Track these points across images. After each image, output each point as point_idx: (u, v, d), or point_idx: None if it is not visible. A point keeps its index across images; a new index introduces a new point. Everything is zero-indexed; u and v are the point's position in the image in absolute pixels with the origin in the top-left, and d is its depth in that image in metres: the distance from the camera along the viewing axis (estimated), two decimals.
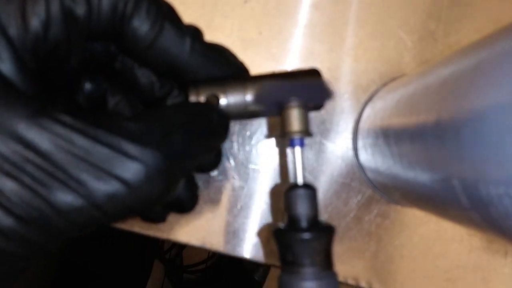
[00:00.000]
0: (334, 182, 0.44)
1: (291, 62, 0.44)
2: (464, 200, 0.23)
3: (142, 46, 0.27)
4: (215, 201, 0.43)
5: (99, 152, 0.22)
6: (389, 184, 0.38)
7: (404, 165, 0.30)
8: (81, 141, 0.22)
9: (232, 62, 0.32)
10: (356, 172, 0.44)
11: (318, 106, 0.34)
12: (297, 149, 0.33)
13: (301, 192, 0.32)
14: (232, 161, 0.44)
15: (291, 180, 0.33)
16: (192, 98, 0.31)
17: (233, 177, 0.44)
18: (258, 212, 0.44)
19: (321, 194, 0.44)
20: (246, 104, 0.31)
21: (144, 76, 0.32)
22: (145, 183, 0.23)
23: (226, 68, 0.31)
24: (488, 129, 0.19)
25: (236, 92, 0.31)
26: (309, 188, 0.32)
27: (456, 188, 0.23)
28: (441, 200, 0.27)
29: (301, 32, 0.44)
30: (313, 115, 0.44)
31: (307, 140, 0.44)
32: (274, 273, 1.23)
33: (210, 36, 0.45)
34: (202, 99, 0.31)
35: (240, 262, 0.39)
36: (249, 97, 0.31)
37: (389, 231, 0.44)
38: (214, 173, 0.43)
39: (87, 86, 0.32)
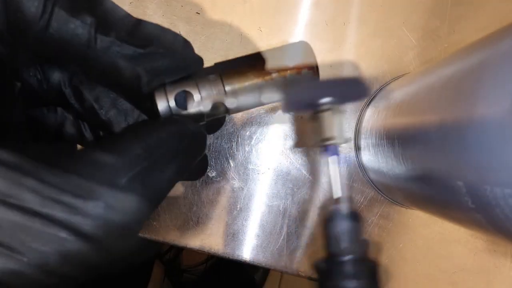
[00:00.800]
0: None
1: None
2: (468, 202, 0.22)
3: (35, 30, 0.23)
4: (214, 203, 0.43)
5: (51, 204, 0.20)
6: (392, 185, 0.37)
7: (408, 166, 0.30)
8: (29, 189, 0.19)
9: (178, 54, 0.28)
10: (358, 173, 0.44)
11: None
12: (335, 158, 0.29)
13: (344, 225, 0.27)
14: (231, 162, 0.43)
15: (334, 194, 0.29)
16: (161, 104, 0.27)
17: (233, 178, 0.43)
18: (258, 214, 0.43)
19: (323, 196, 0.43)
20: (226, 95, 0.28)
21: (127, 68, 0.28)
22: (110, 237, 0.21)
23: (169, 61, 0.27)
24: (493, 131, 0.18)
25: (212, 82, 0.28)
26: (355, 218, 0.28)
27: (460, 189, 0.22)
28: (445, 202, 0.26)
29: (301, 30, 0.44)
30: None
31: (308, 140, 0.44)
32: (274, 275, 1.23)
33: (209, 33, 0.45)
34: (172, 102, 0.27)
35: (240, 263, 0.39)
36: (228, 87, 0.28)
37: (391, 233, 0.44)
38: (213, 173, 0.43)
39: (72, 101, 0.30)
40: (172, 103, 0.27)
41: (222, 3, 0.43)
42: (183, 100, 0.27)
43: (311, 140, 0.29)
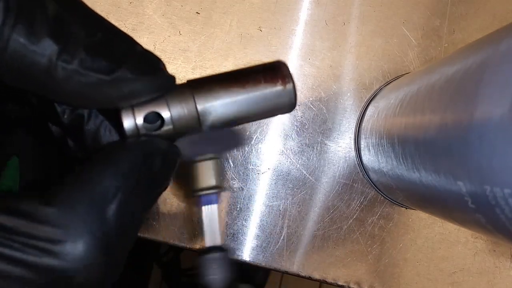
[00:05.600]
0: (337, 183, 0.44)
1: (292, 59, 0.44)
2: (468, 201, 0.22)
3: None
4: None
5: None
6: (392, 185, 0.37)
7: (408, 166, 0.30)
8: None
9: (149, 78, 0.25)
10: (358, 173, 0.44)
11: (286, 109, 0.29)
12: (213, 207, 0.28)
13: (219, 255, 0.28)
14: (231, 162, 0.43)
15: (206, 242, 0.29)
16: (127, 122, 0.25)
17: (232, 178, 0.43)
18: (257, 214, 0.43)
19: (323, 196, 0.43)
20: (200, 114, 0.26)
21: (92, 95, 0.25)
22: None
23: (139, 85, 0.25)
24: (493, 131, 0.18)
25: (182, 100, 0.26)
26: (224, 250, 0.28)
27: (461, 190, 0.22)
28: (445, 202, 0.26)
29: (302, 29, 0.44)
30: (315, 114, 0.43)
31: (308, 140, 0.43)
32: (274, 275, 1.23)
33: (209, 32, 0.45)
34: (139, 120, 0.25)
35: (240, 265, 0.39)
36: (200, 105, 0.26)
37: (392, 233, 0.44)
38: None
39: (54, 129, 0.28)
40: (140, 124, 0.26)
41: (222, 3, 0.43)
42: (152, 120, 0.26)
43: (185, 190, 0.28)
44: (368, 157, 0.40)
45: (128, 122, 0.25)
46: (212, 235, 0.29)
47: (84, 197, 0.21)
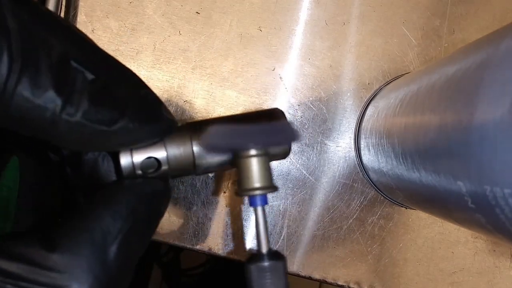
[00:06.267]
0: (337, 183, 0.44)
1: (292, 59, 0.44)
2: (468, 201, 0.22)
3: None
4: (213, 203, 0.43)
5: None
6: (392, 185, 0.37)
7: (408, 166, 0.30)
8: None
9: (151, 126, 0.25)
10: (358, 173, 0.44)
11: (282, 155, 0.29)
12: (259, 209, 0.27)
13: (265, 265, 0.26)
14: None
15: (261, 246, 0.28)
16: (125, 166, 0.25)
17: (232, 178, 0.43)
18: None
19: (323, 196, 0.43)
20: (196, 157, 0.26)
21: (94, 144, 0.25)
22: None
23: (141, 133, 0.25)
24: (493, 131, 0.18)
25: (180, 144, 0.26)
26: (278, 258, 0.26)
27: (461, 190, 0.22)
28: (445, 202, 0.26)
29: (302, 29, 0.44)
30: (315, 114, 0.43)
31: (308, 140, 0.43)
32: None
33: (208, 32, 0.45)
34: (137, 164, 0.26)
35: (240, 265, 0.39)
36: (197, 148, 0.26)
37: (392, 233, 0.44)
38: (213, 173, 0.43)
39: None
40: (138, 167, 0.26)
41: (222, 3, 0.43)
42: (149, 164, 0.26)
43: (236, 188, 0.27)
44: (368, 157, 0.40)
45: (126, 166, 0.26)
46: (260, 240, 0.27)
47: (86, 241, 0.21)
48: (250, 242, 0.43)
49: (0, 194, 0.27)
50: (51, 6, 0.41)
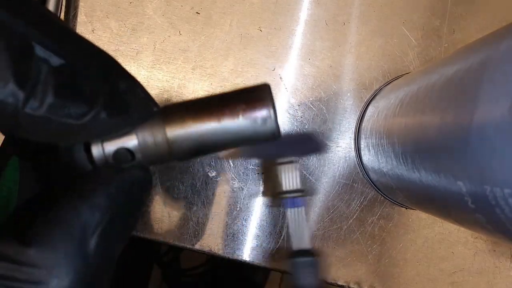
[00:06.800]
0: (337, 183, 0.44)
1: (292, 59, 0.44)
2: (468, 201, 0.22)
3: None
4: (213, 203, 0.43)
5: None
6: (392, 185, 0.37)
7: (408, 166, 0.30)
8: None
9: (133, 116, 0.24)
10: (358, 173, 0.43)
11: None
12: (292, 211, 0.30)
13: (309, 260, 0.28)
14: (231, 162, 0.43)
15: (296, 244, 0.30)
16: (98, 158, 0.25)
17: (233, 178, 0.43)
18: (257, 214, 0.43)
19: (323, 196, 0.43)
20: (170, 143, 0.25)
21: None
22: None
23: (112, 124, 0.23)
24: (493, 131, 0.18)
25: (152, 132, 0.25)
26: (318, 254, 0.29)
27: (461, 190, 0.22)
28: (445, 202, 0.26)
29: (302, 29, 0.44)
30: (315, 114, 0.43)
31: None
32: (274, 275, 1.23)
33: (209, 32, 0.45)
34: (109, 155, 0.25)
35: (240, 265, 0.39)
36: (170, 132, 0.25)
37: (392, 233, 0.44)
38: (213, 173, 0.43)
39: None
40: (111, 158, 0.25)
41: (222, 3, 0.43)
42: (122, 153, 0.25)
43: (269, 191, 0.28)
44: (368, 157, 0.40)
45: (98, 157, 0.25)
46: (299, 238, 0.29)
47: (64, 235, 0.20)
48: (250, 242, 0.43)
49: (0, 194, 0.27)
50: (51, 6, 0.41)
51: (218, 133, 0.26)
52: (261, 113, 0.25)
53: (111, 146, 0.25)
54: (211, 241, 0.43)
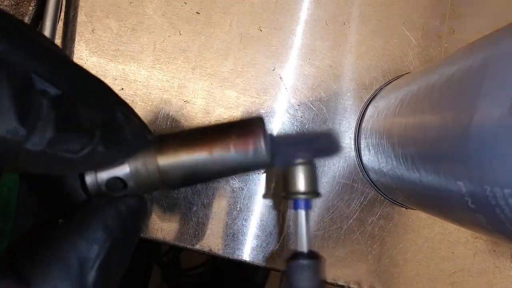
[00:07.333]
0: (337, 183, 0.44)
1: (292, 59, 0.44)
2: (468, 201, 0.22)
3: None
4: (213, 203, 0.43)
5: None
6: (392, 186, 0.37)
7: (409, 166, 0.30)
8: None
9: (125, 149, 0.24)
10: (358, 173, 0.43)
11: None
12: (303, 212, 0.29)
13: (304, 263, 0.28)
14: None
15: (295, 246, 0.30)
16: (92, 189, 0.25)
17: (232, 178, 0.43)
18: (257, 214, 0.43)
19: (323, 196, 0.43)
20: (161, 172, 0.26)
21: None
22: None
23: (109, 156, 0.23)
24: (493, 131, 0.18)
25: (144, 162, 0.25)
26: (315, 257, 0.28)
27: (461, 190, 0.22)
28: (445, 202, 0.26)
29: (302, 29, 0.44)
30: (315, 114, 0.43)
31: None
32: (274, 276, 1.23)
33: (209, 32, 0.45)
34: (103, 186, 0.25)
35: (240, 265, 0.39)
36: (162, 161, 0.25)
37: (392, 233, 0.44)
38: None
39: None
40: (105, 189, 0.25)
41: (222, 3, 0.43)
42: (115, 183, 0.25)
43: (282, 192, 0.28)
44: (368, 157, 0.40)
45: (92, 188, 0.25)
46: (301, 240, 0.29)
47: (63, 273, 0.20)
48: (250, 242, 0.43)
49: (0, 194, 0.27)
50: (51, 6, 0.41)
51: (209, 164, 0.26)
52: (252, 146, 0.26)
53: (104, 175, 0.25)
54: (211, 241, 0.43)
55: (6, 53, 0.18)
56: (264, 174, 0.43)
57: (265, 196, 0.43)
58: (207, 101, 0.43)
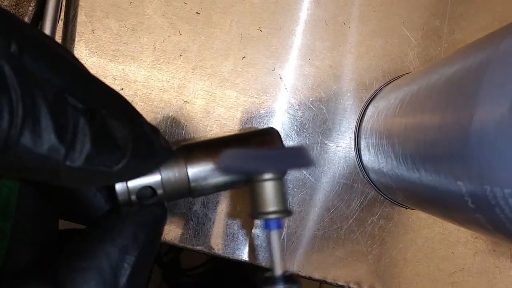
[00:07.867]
0: (337, 183, 0.44)
1: (292, 59, 0.44)
2: (468, 201, 0.22)
3: None
4: (213, 203, 0.43)
5: None
6: (392, 186, 0.37)
7: (409, 166, 0.30)
8: None
9: (148, 160, 0.25)
10: (358, 173, 0.43)
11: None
12: (274, 233, 0.27)
13: None
14: None
15: (270, 267, 0.28)
16: (122, 198, 0.26)
17: None
18: None
19: (323, 196, 0.43)
20: (190, 181, 0.27)
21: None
22: None
23: (142, 168, 0.24)
24: (493, 131, 0.18)
25: (175, 170, 0.26)
26: (292, 282, 0.27)
27: (461, 190, 0.22)
28: (445, 202, 0.26)
29: (302, 29, 0.44)
30: (315, 114, 0.43)
31: (308, 140, 0.43)
32: None
33: (209, 32, 0.45)
34: (133, 196, 0.26)
35: (240, 265, 0.39)
36: (191, 170, 0.26)
37: (392, 233, 0.44)
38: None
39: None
40: (134, 198, 0.26)
41: (222, 3, 0.43)
42: (145, 192, 0.26)
43: (250, 210, 0.27)
44: (368, 157, 0.40)
45: (122, 197, 0.26)
46: (277, 263, 0.27)
47: (98, 281, 0.21)
48: (250, 242, 0.43)
49: (0, 194, 0.27)
50: (51, 6, 0.41)
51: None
52: None
53: (135, 184, 0.26)
54: (211, 241, 0.43)
55: (44, 73, 0.19)
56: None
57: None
58: (207, 101, 0.43)
